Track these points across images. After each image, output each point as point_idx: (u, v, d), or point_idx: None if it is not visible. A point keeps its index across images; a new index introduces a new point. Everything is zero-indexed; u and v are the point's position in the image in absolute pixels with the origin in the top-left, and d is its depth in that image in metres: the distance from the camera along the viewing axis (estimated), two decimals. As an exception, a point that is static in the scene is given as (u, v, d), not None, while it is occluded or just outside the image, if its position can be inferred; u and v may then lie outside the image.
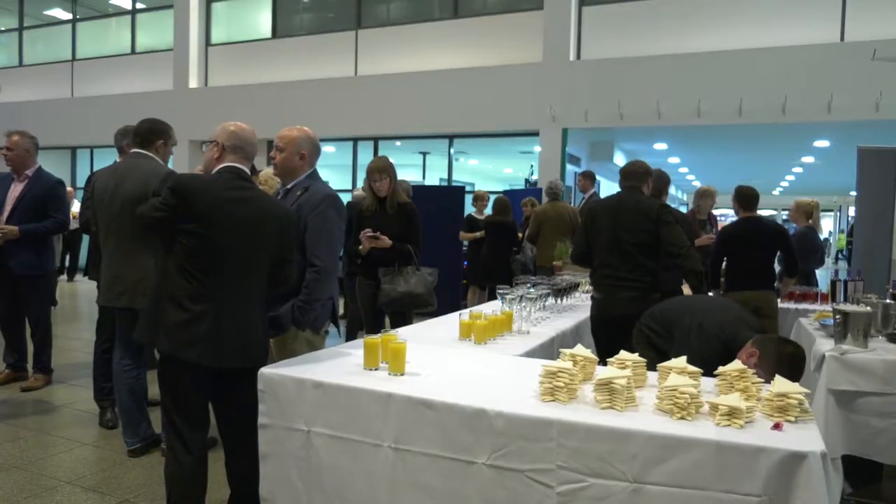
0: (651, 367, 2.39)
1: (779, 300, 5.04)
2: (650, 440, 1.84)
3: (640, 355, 2.41)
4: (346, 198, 6.02)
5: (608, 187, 15.45)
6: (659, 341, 3.17)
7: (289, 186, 3.04)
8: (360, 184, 8.50)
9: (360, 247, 4.23)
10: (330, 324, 3.10)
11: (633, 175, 4.01)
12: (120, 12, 14.31)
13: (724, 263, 5.06)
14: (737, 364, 2.19)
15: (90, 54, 14.36)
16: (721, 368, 2.19)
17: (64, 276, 11.73)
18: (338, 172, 12.25)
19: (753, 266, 4.87)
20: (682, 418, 1.94)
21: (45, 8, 15.22)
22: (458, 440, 2.06)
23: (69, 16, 14.76)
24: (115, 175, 3.67)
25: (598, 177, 13.30)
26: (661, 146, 12.83)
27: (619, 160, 12.85)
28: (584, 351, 2.41)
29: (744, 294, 4.82)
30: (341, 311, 7.36)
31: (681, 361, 2.25)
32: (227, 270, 2.45)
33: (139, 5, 13.95)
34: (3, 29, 15.82)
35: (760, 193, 5.19)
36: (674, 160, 14.89)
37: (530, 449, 1.97)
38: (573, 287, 4.57)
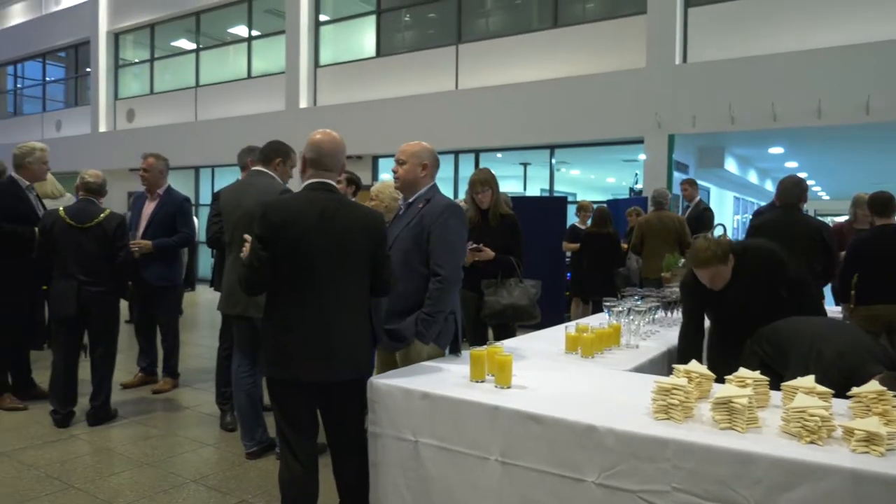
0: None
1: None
2: (776, 465, 1.72)
3: None
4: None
5: (719, 195, 14.75)
6: (771, 363, 2.95)
7: (410, 200, 3.05)
8: (461, 196, 8.58)
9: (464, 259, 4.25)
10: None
11: None
12: (237, 40, 15.31)
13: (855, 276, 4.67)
14: (874, 384, 2.01)
15: (211, 80, 15.43)
16: (856, 389, 2.02)
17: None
18: (439, 185, 12.42)
19: (889, 277, 4.46)
20: (811, 442, 1.81)
21: (172, 39, 16.55)
22: (566, 457, 2.02)
23: (193, 45, 15.95)
24: (237, 191, 3.91)
25: (708, 184, 12.69)
26: (776, 150, 12.10)
27: (731, 166, 12.23)
28: (699, 367, 2.30)
29: (875, 308, 4.45)
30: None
31: (808, 381, 2.10)
32: (325, 285, 2.48)
33: (254, 32, 14.85)
34: (137, 61, 17.33)
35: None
36: (791, 165, 13.98)
37: (643, 469, 1.90)
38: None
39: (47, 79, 20.13)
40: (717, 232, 6.27)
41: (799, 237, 4.31)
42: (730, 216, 16.37)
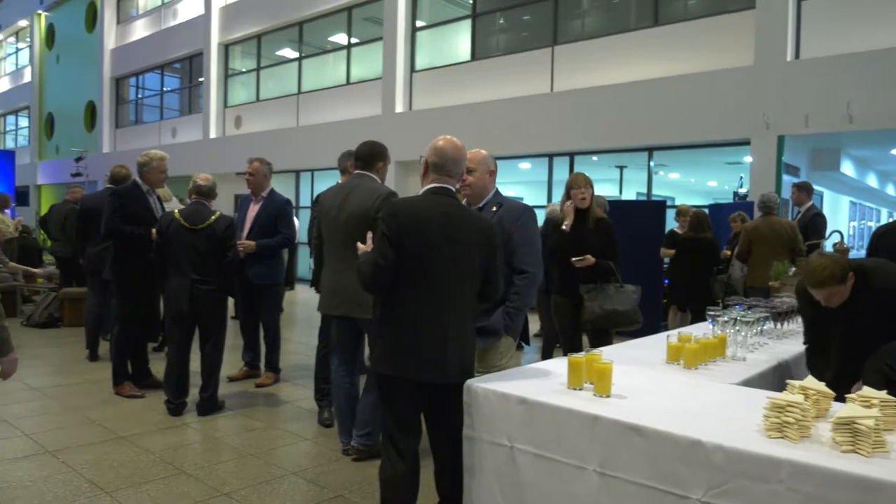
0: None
1: None
2: (908, 494, 1.58)
3: None
4: (540, 213, 6.03)
5: (833, 199, 13.79)
6: None
7: (480, 205, 3.14)
8: (556, 199, 8.47)
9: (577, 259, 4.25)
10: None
11: None
12: (337, 48, 15.84)
13: None
14: None
15: (312, 87, 16.04)
16: None
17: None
18: (533, 188, 12.35)
19: None
20: (950, 472, 1.64)
21: (276, 49, 17.35)
22: (670, 471, 1.94)
23: (296, 54, 16.65)
24: (340, 193, 3.94)
25: (821, 188, 11.86)
26: (901, 151, 11.19)
27: (847, 169, 11.40)
28: (816, 384, 2.15)
29: None
30: (537, 328, 7.36)
31: (945, 404, 1.92)
32: (444, 288, 2.53)
33: (353, 40, 15.31)
34: (244, 70, 18.29)
35: None
36: (918, 167, 12.90)
37: (754, 489, 1.79)
38: (795, 311, 4.12)
39: (164, 89, 21.64)
40: (834, 239, 5.88)
41: None
42: (845, 222, 15.28)
